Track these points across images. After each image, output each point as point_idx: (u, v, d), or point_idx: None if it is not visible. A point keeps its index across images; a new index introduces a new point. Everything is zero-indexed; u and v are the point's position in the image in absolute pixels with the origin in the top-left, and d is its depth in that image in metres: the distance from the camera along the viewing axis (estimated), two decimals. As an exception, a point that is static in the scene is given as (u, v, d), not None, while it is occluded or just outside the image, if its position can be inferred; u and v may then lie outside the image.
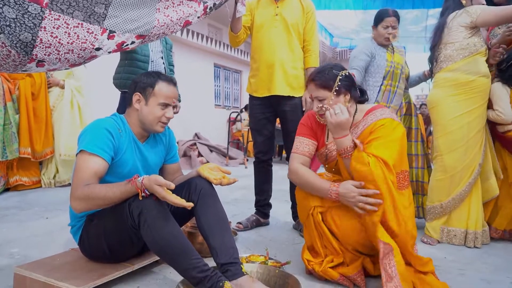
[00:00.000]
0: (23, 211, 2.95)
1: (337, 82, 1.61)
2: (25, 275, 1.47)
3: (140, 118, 1.63)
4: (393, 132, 1.58)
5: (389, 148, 1.55)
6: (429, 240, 2.27)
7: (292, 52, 2.45)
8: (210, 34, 9.28)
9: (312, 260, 1.67)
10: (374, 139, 1.58)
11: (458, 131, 2.23)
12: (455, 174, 2.25)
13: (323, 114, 1.65)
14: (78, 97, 4.17)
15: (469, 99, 2.23)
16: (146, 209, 1.34)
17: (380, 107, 1.69)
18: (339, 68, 1.67)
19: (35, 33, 1.36)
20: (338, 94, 1.62)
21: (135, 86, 1.63)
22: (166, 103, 1.61)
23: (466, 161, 2.22)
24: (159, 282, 1.62)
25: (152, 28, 1.61)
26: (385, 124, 1.59)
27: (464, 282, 1.66)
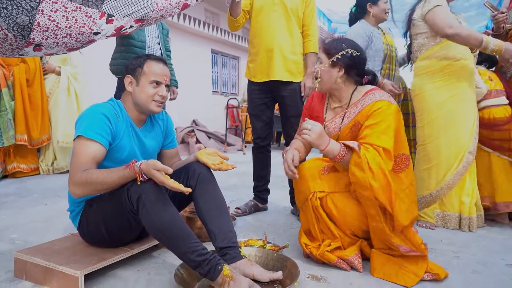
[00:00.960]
0: (22, 198, 2.96)
1: (337, 55, 1.67)
2: (25, 259, 1.48)
3: (134, 100, 1.62)
4: (390, 117, 1.59)
5: (387, 134, 1.57)
6: (428, 225, 2.26)
7: (291, 37, 2.42)
8: (207, 20, 9.17)
9: (309, 244, 1.69)
10: (372, 125, 1.59)
11: (441, 118, 2.21)
12: (439, 162, 2.23)
13: (316, 77, 1.75)
14: (74, 83, 4.14)
15: (448, 85, 2.20)
16: (144, 194, 1.34)
17: (377, 90, 1.70)
18: (351, 45, 1.69)
19: (33, 16, 1.33)
20: (333, 65, 1.68)
21: (126, 68, 1.64)
22: (157, 80, 1.60)
23: (451, 148, 2.20)
24: (158, 266, 1.64)
25: (151, 12, 1.58)
26: (382, 107, 1.60)
27: (459, 264, 1.69)
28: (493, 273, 1.60)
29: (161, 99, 1.62)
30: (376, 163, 1.50)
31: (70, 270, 1.37)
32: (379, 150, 1.53)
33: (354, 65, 1.68)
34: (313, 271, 1.60)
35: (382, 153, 1.53)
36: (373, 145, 1.54)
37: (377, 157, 1.52)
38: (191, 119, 7.97)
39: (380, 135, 1.56)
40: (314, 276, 1.55)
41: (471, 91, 2.23)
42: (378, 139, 1.55)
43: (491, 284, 1.50)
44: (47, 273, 1.42)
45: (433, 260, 1.66)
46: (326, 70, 1.69)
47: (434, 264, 1.57)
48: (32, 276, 1.46)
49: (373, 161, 1.50)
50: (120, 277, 1.53)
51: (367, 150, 1.52)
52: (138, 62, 1.61)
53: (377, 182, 1.49)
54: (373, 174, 1.49)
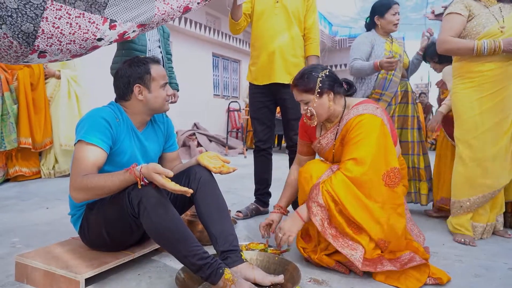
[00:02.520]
0: (24, 201, 2.96)
1: (318, 84, 1.67)
2: (26, 263, 1.48)
3: (147, 106, 1.61)
4: (370, 130, 1.59)
5: (364, 145, 1.57)
6: (467, 240, 2.03)
7: (293, 40, 2.44)
8: (208, 23, 9.20)
9: (307, 247, 1.69)
10: (352, 139, 1.61)
11: (470, 121, 2.08)
12: (477, 166, 2.06)
13: (310, 116, 1.73)
14: (75, 86, 4.16)
15: (477, 87, 2.07)
16: (145, 197, 1.34)
17: (366, 102, 1.70)
18: (320, 69, 1.72)
19: (37, 23, 1.34)
20: (320, 95, 1.68)
21: (128, 78, 1.58)
22: (165, 82, 1.63)
23: (485, 154, 2.04)
24: (160, 270, 1.63)
25: (153, 17, 1.59)
26: (363, 120, 1.60)
27: (462, 268, 1.68)
28: (496, 277, 1.59)
29: (169, 98, 1.67)
30: (343, 191, 1.53)
31: (71, 274, 1.36)
32: (351, 165, 1.56)
33: (334, 81, 1.71)
34: (314, 274, 1.59)
35: (354, 164, 1.55)
36: (344, 165, 1.58)
37: (346, 183, 1.54)
38: (192, 122, 7.98)
39: (358, 148, 1.58)
40: (316, 280, 1.54)
41: (504, 96, 2.05)
42: (355, 152, 1.58)
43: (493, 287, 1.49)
44: (48, 277, 1.42)
45: (436, 264, 1.65)
46: (318, 104, 1.68)
47: (436, 269, 1.56)
48: (33, 280, 1.46)
49: (340, 191, 1.53)
50: (121, 280, 1.52)
51: (328, 185, 1.56)
52: (144, 69, 1.58)
53: (353, 208, 1.52)
54: (342, 204, 1.52)
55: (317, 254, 1.62)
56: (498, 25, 2.02)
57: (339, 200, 1.52)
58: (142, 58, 1.63)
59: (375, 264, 1.52)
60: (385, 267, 1.50)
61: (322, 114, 1.71)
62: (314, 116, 1.71)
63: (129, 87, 1.59)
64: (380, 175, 1.56)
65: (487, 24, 2.04)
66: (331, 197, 1.53)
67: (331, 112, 1.72)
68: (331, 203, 1.53)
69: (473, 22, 2.07)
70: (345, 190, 1.53)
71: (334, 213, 1.54)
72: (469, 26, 2.09)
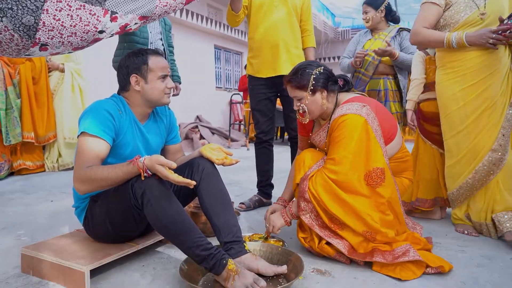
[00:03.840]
0: (28, 195, 2.98)
1: (311, 81, 1.67)
2: (32, 255, 1.50)
3: (145, 97, 1.62)
4: (352, 130, 1.58)
5: (345, 147, 1.58)
6: (469, 230, 2.00)
7: (293, 32, 2.44)
8: (210, 15, 9.15)
9: (307, 237, 1.70)
10: (334, 139, 1.63)
11: (455, 113, 1.99)
12: (460, 159, 2.01)
13: (302, 113, 1.74)
14: (78, 79, 4.16)
15: (460, 77, 1.96)
16: (148, 189, 1.34)
17: (354, 100, 1.68)
18: (314, 66, 1.71)
19: (38, 16, 1.34)
20: (313, 92, 1.68)
21: (127, 68, 1.60)
22: (164, 74, 1.62)
23: (469, 146, 1.96)
24: (164, 261, 1.65)
25: (154, 8, 1.58)
26: (346, 121, 1.60)
27: (464, 258, 1.68)
28: (498, 267, 1.60)
29: (169, 91, 1.65)
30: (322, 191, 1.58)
31: (76, 265, 1.38)
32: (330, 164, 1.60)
33: (327, 78, 1.71)
34: (317, 265, 1.60)
35: (332, 164, 1.59)
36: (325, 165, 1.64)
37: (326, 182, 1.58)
38: (194, 115, 7.99)
39: (338, 148, 1.60)
40: (319, 270, 1.55)
41: (489, 85, 1.92)
42: (335, 152, 1.60)
43: (496, 277, 1.49)
44: (54, 268, 1.44)
45: (439, 254, 1.66)
46: (310, 102, 1.69)
47: (438, 257, 1.56)
48: (39, 271, 1.48)
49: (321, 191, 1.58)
50: (126, 272, 1.54)
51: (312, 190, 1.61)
52: (141, 59, 1.59)
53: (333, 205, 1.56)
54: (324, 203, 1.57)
55: (319, 244, 1.63)
56: (479, 12, 1.89)
57: (319, 198, 1.57)
58: (142, 49, 1.63)
59: (365, 255, 1.55)
60: (374, 257, 1.52)
61: (314, 112, 1.71)
62: (306, 113, 1.72)
63: (127, 77, 1.60)
64: (362, 175, 1.57)
65: (465, 11, 1.92)
66: (313, 196, 1.59)
67: (323, 109, 1.72)
68: (314, 201, 1.60)
69: (451, 11, 1.97)
70: (325, 188, 1.58)
71: (318, 210, 1.59)
72: (447, 15, 1.98)
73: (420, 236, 1.71)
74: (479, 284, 1.43)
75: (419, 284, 1.43)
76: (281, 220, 1.73)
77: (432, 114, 2.26)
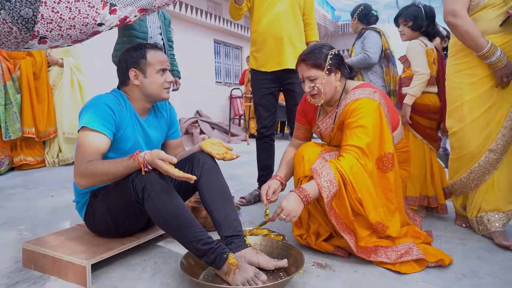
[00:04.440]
0: (29, 190, 2.99)
1: (328, 61, 1.63)
2: (33, 250, 1.50)
3: (143, 92, 1.61)
4: (368, 115, 1.56)
5: (365, 132, 1.54)
6: (468, 224, 2.00)
7: (297, 25, 2.43)
8: (210, 9, 9.10)
9: (303, 234, 1.70)
10: (350, 124, 1.58)
11: (458, 110, 1.87)
12: (461, 157, 1.90)
13: (315, 94, 1.67)
14: (78, 74, 4.15)
15: (470, 69, 1.82)
16: (149, 184, 1.35)
17: (364, 86, 1.67)
18: (328, 47, 1.69)
19: (36, 8, 1.33)
20: (329, 72, 1.64)
21: (126, 62, 1.59)
22: (163, 68, 1.61)
23: (473, 144, 1.84)
24: (165, 255, 1.66)
25: (154, 1, 1.57)
26: (360, 105, 1.58)
27: (464, 251, 1.69)
28: (498, 259, 1.60)
29: (169, 85, 1.64)
30: (353, 174, 1.49)
31: (78, 259, 1.38)
32: (357, 153, 1.52)
33: (341, 61, 1.69)
34: (318, 259, 1.61)
35: (361, 154, 1.52)
36: (350, 149, 1.53)
37: (355, 164, 1.51)
38: (194, 109, 7.97)
39: (360, 135, 1.54)
40: (319, 264, 1.55)
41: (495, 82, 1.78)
42: (357, 139, 1.54)
43: (496, 270, 1.50)
44: (55, 263, 1.44)
45: (438, 247, 1.66)
46: (326, 82, 1.64)
47: (438, 250, 1.57)
48: (41, 266, 1.49)
49: (351, 174, 1.49)
50: (127, 266, 1.55)
51: (339, 162, 1.52)
52: (139, 53, 1.58)
53: (364, 196, 1.50)
54: (354, 191, 1.49)
55: (316, 241, 1.63)
56: None
57: (349, 180, 1.49)
58: (141, 43, 1.62)
59: (369, 252, 1.53)
60: (378, 257, 1.51)
61: (328, 93, 1.66)
62: (320, 95, 1.66)
63: (126, 72, 1.60)
64: (374, 159, 1.56)
65: None
66: (342, 177, 1.49)
67: (335, 92, 1.69)
68: (341, 183, 1.50)
69: None
70: (352, 171, 1.50)
71: (343, 195, 1.50)
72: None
73: (420, 229, 1.71)
74: (479, 276, 1.44)
75: (419, 277, 1.44)
76: (301, 206, 1.48)
77: (424, 106, 2.19)
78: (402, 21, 2.26)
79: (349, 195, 1.50)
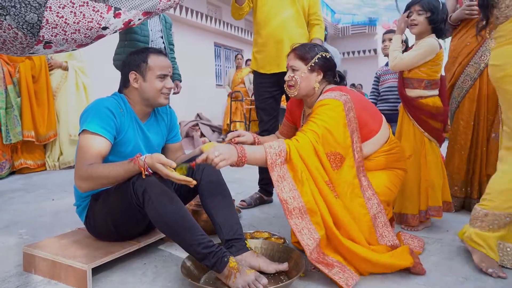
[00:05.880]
0: (29, 193, 2.99)
1: (314, 59, 1.68)
2: (33, 254, 1.50)
3: (141, 95, 1.61)
4: (327, 111, 1.56)
5: (317, 124, 1.53)
6: (494, 270, 1.45)
7: (299, 27, 2.41)
8: (210, 13, 9.13)
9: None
10: (311, 117, 1.59)
11: None
12: None
13: (291, 85, 1.71)
14: (82, 77, 4.18)
15: None
16: (149, 187, 1.35)
17: (336, 89, 1.67)
18: (322, 49, 1.73)
19: (41, 13, 1.34)
20: (311, 70, 1.68)
21: (128, 65, 1.60)
22: (163, 73, 1.60)
23: None
24: (165, 259, 1.65)
25: (158, 4, 1.58)
26: (323, 103, 1.58)
27: (466, 254, 1.68)
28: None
29: (168, 91, 1.63)
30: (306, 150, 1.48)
31: (78, 263, 1.38)
32: (314, 136, 1.50)
33: (329, 67, 1.71)
34: (319, 262, 1.60)
35: (316, 138, 1.50)
36: (307, 131, 1.52)
37: (308, 143, 1.49)
38: (195, 112, 7.97)
39: (317, 122, 1.54)
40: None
41: None
42: (315, 125, 1.53)
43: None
44: (56, 267, 1.44)
45: (439, 251, 1.66)
46: (305, 77, 1.67)
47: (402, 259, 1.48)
48: (41, 270, 1.48)
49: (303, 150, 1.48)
50: (128, 270, 1.54)
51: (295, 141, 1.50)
52: (141, 57, 1.59)
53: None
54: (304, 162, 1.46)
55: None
56: None
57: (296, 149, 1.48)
58: (145, 48, 1.63)
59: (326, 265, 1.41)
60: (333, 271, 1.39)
61: (303, 89, 1.69)
62: (296, 87, 1.69)
63: (127, 74, 1.60)
64: (325, 151, 1.53)
65: None
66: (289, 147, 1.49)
67: (312, 92, 1.71)
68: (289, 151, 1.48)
69: None
70: (304, 146, 1.50)
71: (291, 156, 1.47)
72: None
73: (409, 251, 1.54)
74: (481, 279, 1.43)
75: (420, 280, 1.43)
76: (234, 156, 1.41)
77: (435, 109, 2.06)
78: (418, 9, 1.99)
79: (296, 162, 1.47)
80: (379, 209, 1.60)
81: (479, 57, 2.28)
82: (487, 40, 2.23)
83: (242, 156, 1.43)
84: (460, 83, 2.35)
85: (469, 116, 2.31)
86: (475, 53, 2.30)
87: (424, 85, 2.04)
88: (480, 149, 2.30)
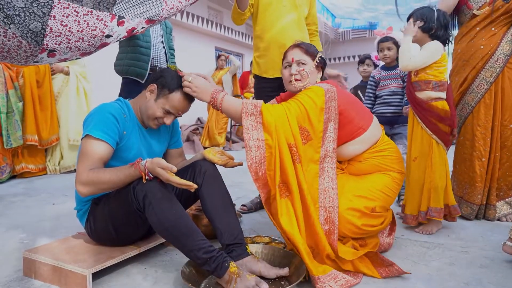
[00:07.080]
0: (30, 198, 2.99)
1: (317, 57, 1.78)
2: (34, 258, 1.50)
3: (143, 106, 1.62)
4: (309, 92, 1.63)
5: (295, 100, 1.61)
6: None
7: (302, 32, 2.42)
8: (211, 17, 9.17)
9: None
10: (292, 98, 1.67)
11: None
12: None
13: (298, 79, 1.74)
14: (83, 82, 4.19)
15: None
16: (150, 192, 1.35)
17: (325, 82, 1.75)
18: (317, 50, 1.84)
19: (45, 22, 1.35)
20: (317, 66, 1.78)
21: (158, 77, 1.60)
22: (171, 112, 1.59)
23: None
24: (166, 264, 1.65)
25: (161, 12, 1.59)
26: (308, 88, 1.67)
27: (467, 259, 1.68)
28: (502, 267, 1.59)
29: (162, 123, 1.63)
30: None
31: (78, 268, 1.38)
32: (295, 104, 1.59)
33: (324, 68, 1.84)
34: (319, 267, 1.59)
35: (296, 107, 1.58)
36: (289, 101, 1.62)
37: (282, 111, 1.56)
38: (196, 117, 7.99)
39: (289, 101, 1.63)
40: (321, 272, 1.54)
41: None
42: (299, 99, 1.62)
43: (499, 278, 1.49)
44: (56, 271, 1.44)
45: (441, 256, 1.65)
46: (312, 71, 1.75)
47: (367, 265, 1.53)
48: (41, 275, 1.48)
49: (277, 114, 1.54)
50: (128, 275, 1.54)
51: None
52: (172, 84, 1.57)
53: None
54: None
55: None
56: None
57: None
58: (183, 81, 1.58)
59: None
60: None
61: (309, 83, 1.73)
62: (303, 80, 1.73)
63: (151, 82, 1.62)
64: (298, 124, 1.57)
65: None
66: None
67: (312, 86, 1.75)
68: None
69: None
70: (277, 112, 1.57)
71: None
72: None
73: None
74: (482, 284, 1.43)
75: (422, 285, 1.43)
76: (208, 91, 1.57)
77: (444, 113, 2.07)
78: (413, 19, 2.15)
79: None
80: (331, 204, 1.56)
81: (495, 61, 2.26)
82: (502, 43, 2.23)
83: (214, 99, 1.57)
84: (475, 88, 2.30)
85: (486, 122, 2.28)
86: (490, 56, 2.27)
87: (432, 87, 2.06)
88: (494, 154, 2.28)
